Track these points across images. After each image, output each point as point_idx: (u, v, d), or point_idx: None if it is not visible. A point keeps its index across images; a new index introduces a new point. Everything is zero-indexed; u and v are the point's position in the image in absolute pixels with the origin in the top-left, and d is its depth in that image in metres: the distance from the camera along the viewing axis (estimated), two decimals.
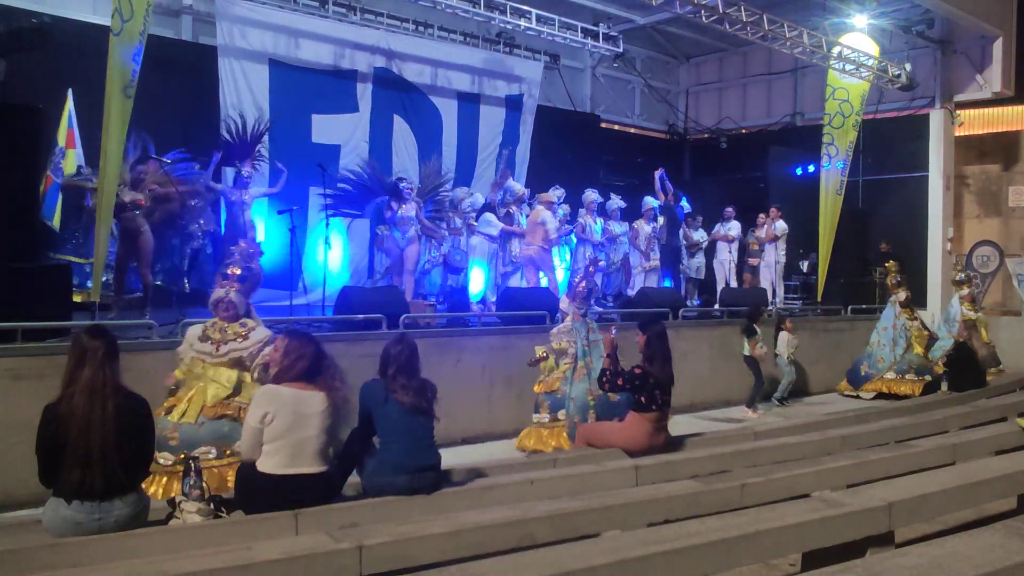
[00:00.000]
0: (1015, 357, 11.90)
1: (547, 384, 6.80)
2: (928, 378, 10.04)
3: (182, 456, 4.73)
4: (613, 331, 6.01)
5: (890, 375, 10.18)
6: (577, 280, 7.23)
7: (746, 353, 9.20)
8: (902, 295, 10.61)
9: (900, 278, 10.69)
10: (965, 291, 11.24)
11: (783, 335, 9.62)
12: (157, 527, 3.73)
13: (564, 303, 7.20)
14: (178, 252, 9.02)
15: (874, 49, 12.13)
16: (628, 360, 5.89)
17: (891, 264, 11.01)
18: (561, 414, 6.62)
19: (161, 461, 4.79)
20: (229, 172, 9.78)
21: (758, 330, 9.24)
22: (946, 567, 3.16)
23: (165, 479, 4.80)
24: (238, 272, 5.32)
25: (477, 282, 10.66)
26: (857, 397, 10.24)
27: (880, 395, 10.06)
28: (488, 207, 11.03)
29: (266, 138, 10.24)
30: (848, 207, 13.31)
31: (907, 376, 10.11)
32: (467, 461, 5.36)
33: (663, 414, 5.58)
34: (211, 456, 4.85)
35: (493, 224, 10.72)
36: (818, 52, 11.41)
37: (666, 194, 11.86)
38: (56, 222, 8.40)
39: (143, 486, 3.92)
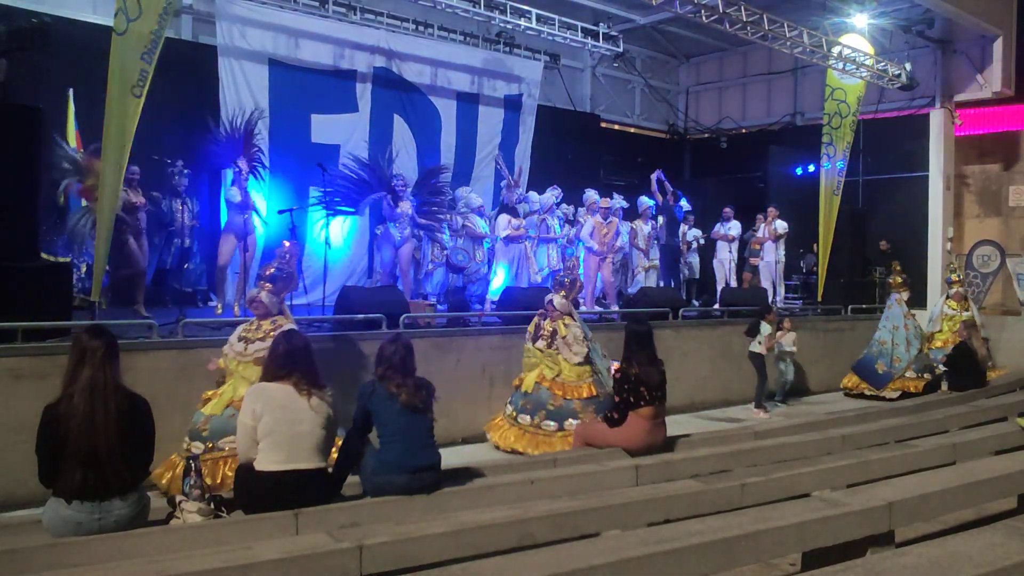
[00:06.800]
0: (1015, 357, 11.89)
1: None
2: (928, 376, 10.05)
3: (210, 445, 5.18)
4: None
5: (910, 374, 10.20)
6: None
7: (752, 349, 9.20)
8: (905, 294, 10.62)
9: (904, 277, 10.73)
10: (952, 290, 11.26)
11: (781, 334, 9.63)
12: (157, 527, 3.73)
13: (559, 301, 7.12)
14: (161, 250, 8.90)
15: (868, 50, 12.13)
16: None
17: (896, 264, 11.06)
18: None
19: (193, 450, 5.11)
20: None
21: (766, 327, 9.24)
22: (946, 567, 3.16)
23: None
24: (271, 271, 5.55)
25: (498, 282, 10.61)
26: (880, 398, 9.93)
27: (905, 394, 9.85)
28: (504, 208, 10.95)
29: (266, 137, 10.19)
30: (848, 207, 13.33)
31: (924, 375, 10.20)
32: (467, 461, 5.36)
33: (657, 410, 5.57)
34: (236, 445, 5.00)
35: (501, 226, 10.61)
36: (818, 52, 11.40)
37: (664, 194, 11.86)
38: None
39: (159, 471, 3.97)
